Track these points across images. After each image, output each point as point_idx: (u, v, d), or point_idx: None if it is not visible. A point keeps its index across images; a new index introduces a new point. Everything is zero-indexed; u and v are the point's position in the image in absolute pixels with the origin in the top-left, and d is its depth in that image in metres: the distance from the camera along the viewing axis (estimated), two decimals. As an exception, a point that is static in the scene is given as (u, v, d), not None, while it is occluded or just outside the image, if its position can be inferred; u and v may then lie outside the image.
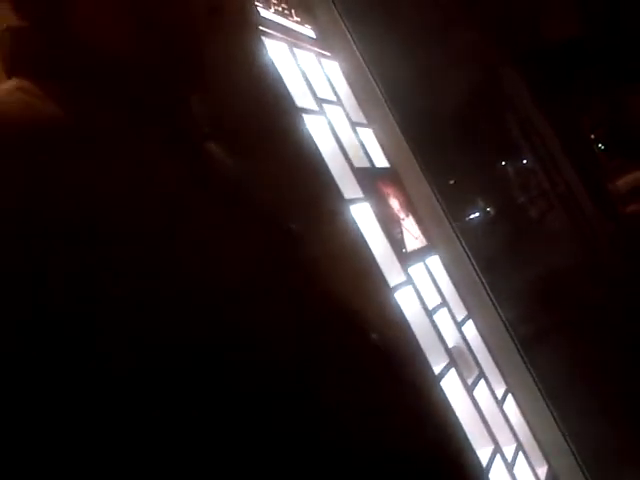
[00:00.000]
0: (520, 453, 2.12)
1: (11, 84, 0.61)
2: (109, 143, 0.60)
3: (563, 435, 2.27)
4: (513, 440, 2.13)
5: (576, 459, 2.26)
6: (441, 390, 1.80)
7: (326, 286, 0.76)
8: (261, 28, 1.93)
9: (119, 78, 0.65)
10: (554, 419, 2.28)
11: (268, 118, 1.69)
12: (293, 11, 2.26)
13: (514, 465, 2.03)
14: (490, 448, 1.94)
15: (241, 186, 0.77)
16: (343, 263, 1.76)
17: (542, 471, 2.23)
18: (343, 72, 2.42)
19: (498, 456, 1.95)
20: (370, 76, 2.40)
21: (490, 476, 1.81)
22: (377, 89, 2.38)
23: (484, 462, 1.84)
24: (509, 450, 2.07)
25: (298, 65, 2.05)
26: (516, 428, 2.18)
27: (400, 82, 2.50)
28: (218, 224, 0.64)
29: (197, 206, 0.63)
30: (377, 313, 1.76)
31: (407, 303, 1.94)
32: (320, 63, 2.26)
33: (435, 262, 2.32)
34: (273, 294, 0.64)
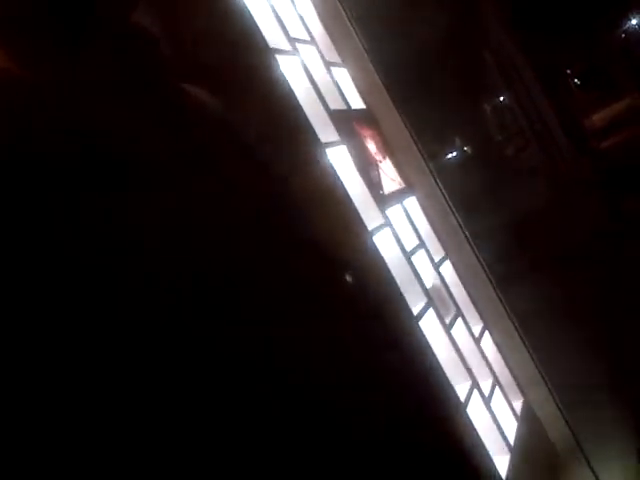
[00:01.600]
0: (497, 388, 2.18)
1: None
2: (79, 94, 0.58)
3: (537, 368, 2.34)
4: (490, 375, 2.18)
5: (549, 390, 2.34)
6: (420, 329, 1.84)
7: (305, 228, 0.76)
8: (230, -35, 1.86)
9: (84, 25, 0.62)
10: (529, 354, 2.34)
11: (240, 60, 1.64)
12: (263, -54, 2.18)
13: (491, 399, 2.09)
14: (468, 384, 1.99)
15: (218, 126, 0.76)
16: (321, 207, 1.75)
17: (518, 404, 2.30)
18: (316, 10, 2.35)
19: (475, 391, 2.00)
20: (344, 13, 2.33)
21: (468, 410, 1.86)
22: (351, 27, 2.33)
23: (462, 397, 1.89)
24: (486, 385, 2.12)
25: (269, 3, 1.99)
26: (493, 364, 2.24)
27: (375, 20, 2.44)
28: (198, 164, 0.63)
29: (174, 146, 0.62)
30: (356, 255, 1.77)
31: (385, 245, 1.95)
32: (292, 1, 2.19)
33: (413, 204, 2.32)
34: (253, 234, 0.63)
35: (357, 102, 2.31)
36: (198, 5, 1.55)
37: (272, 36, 1.90)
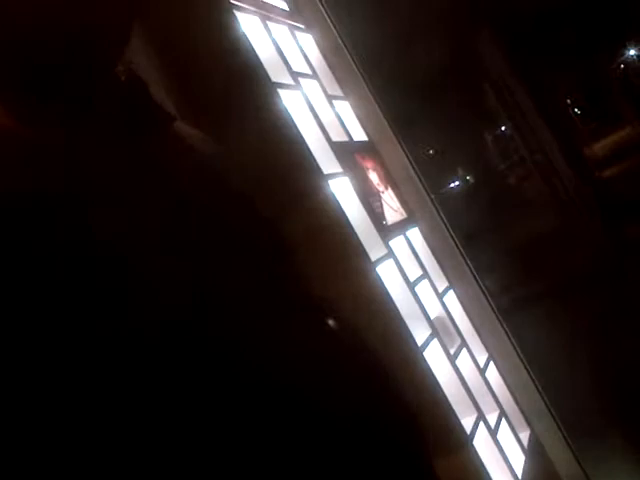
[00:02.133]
0: (503, 419, 2.16)
1: None
2: (64, 142, 0.58)
3: (543, 399, 2.31)
4: (496, 407, 2.16)
5: (555, 422, 2.31)
6: (424, 360, 1.82)
7: (307, 262, 0.76)
8: (233, 1, 1.89)
9: (70, 72, 0.62)
10: (534, 384, 2.32)
11: (243, 94, 1.67)
12: (265, -17, 2.22)
13: (497, 431, 2.07)
14: (474, 416, 1.97)
15: (216, 166, 0.76)
16: (323, 238, 1.76)
17: (524, 435, 2.27)
18: (317, 45, 2.38)
19: (481, 423, 1.98)
20: (345, 48, 2.37)
21: (474, 443, 1.84)
22: (352, 61, 2.36)
23: (468, 429, 1.87)
24: (492, 417, 2.10)
25: (272, 38, 2.02)
26: (498, 395, 2.22)
27: (375, 53, 2.48)
28: (192, 209, 0.63)
29: (166, 193, 0.62)
30: (359, 287, 1.77)
31: (389, 276, 1.95)
32: (294, 36, 2.23)
33: (415, 234, 2.32)
34: (252, 274, 0.63)
35: (359, 134, 2.33)
36: (200, 41, 1.58)
37: (274, 70, 1.93)
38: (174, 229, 0.60)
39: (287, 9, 2.33)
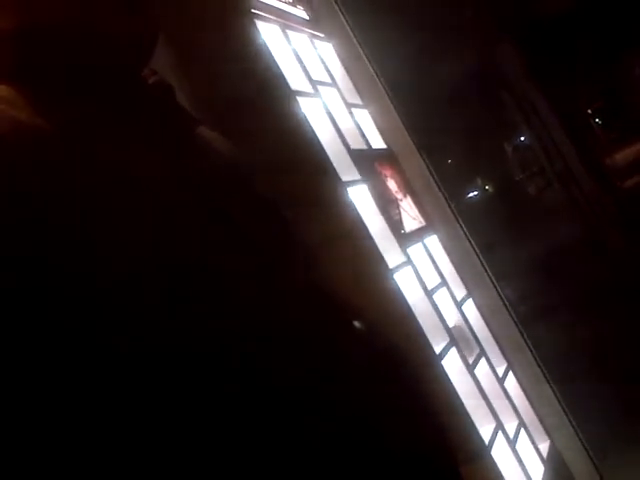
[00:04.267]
0: (522, 429, 2.14)
1: None
2: (92, 145, 0.59)
3: (563, 410, 2.28)
4: (515, 417, 2.14)
5: (577, 433, 2.28)
6: (442, 369, 1.81)
7: (325, 269, 0.76)
8: (253, 11, 1.91)
9: (100, 76, 0.64)
10: (554, 395, 2.29)
11: (262, 102, 1.68)
12: (285, -8, 2.24)
13: (516, 442, 2.04)
14: (492, 425, 1.95)
15: (236, 171, 0.76)
16: (342, 246, 1.77)
17: (544, 446, 2.25)
18: (337, 53, 2.40)
19: (500, 433, 1.96)
20: (364, 57, 2.38)
21: (493, 453, 1.82)
22: (372, 70, 2.37)
23: (486, 439, 1.86)
24: (511, 427, 2.08)
25: (291, 47, 2.04)
26: (517, 405, 2.20)
27: (395, 62, 2.48)
28: (214, 214, 0.64)
29: (190, 198, 0.62)
30: (377, 295, 1.77)
31: (407, 284, 1.94)
32: (314, 45, 2.25)
33: (434, 242, 2.31)
34: (272, 279, 0.64)
35: (378, 142, 2.33)
36: (221, 49, 1.59)
37: (294, 79, 1.94)
38: (199, 232, 0.60)
39: (307, 18, 2.34)
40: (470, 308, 2.30)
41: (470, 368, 1.99)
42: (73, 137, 0.58)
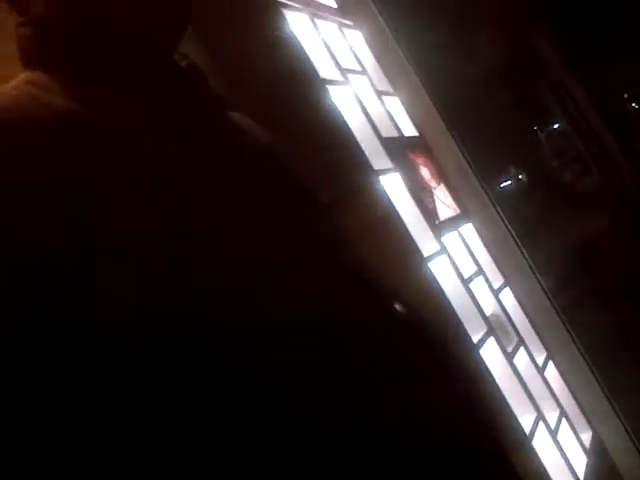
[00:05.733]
0: (563, 420, 2.09)
1: (21, 77, 0.61)
2: (126, 129, 0.58)
3: (608, 399, 2.23)
4: (556, 407, 2.10)
5: (622, 424, 2.22)
6: (481, 358, 1.78)
7: (359, 258, 0.75)
8: (282, 0, 1.90)
9: (132, 63, 0.63)
10: (598, 384, 2.24)
11: (292, 91, 1.66)
12: (313, -19, 2.22)
13: (557, 432, 2.00)
14: (533, 415, 1.91)
15: (271, 155, 0.75)
16: (375, 235, 1.74)
17: (587, 437, 2.20)
18: (366, 41, 2.37)
19: (541, 423, 1.92)
20: (394, 44, 2.34)
21: (534, 443, 1.79)
22: (402, 56, 2.33)
23: (527, 430, 1.82)
24: (552, 417, 2.04)
25: (320, 36, 2.02)
26: (558, 395, 2.15)
27: (426, 48, 2.44)
28: (249, 198, 0.63)
29: (225, 182, 0.62)
30: (412, 284, 1.74)
31: (442, 273, 1.91)
32: (343, 33, 2.22)
33: (469, 230, 2.28)
34: (305, 267, 0.62)
35: (409, 129, 2.30)
36: (249, 38, 1.58)
37: (324, 67, 1.92)
38: (233, 217, 0.59)
39: (335, 6, 2.32)
40: (508, 296, 2.26)
41: (509, 357, 1.96)
42: (107, 122, 0.58)
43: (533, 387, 1.99)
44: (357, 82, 2.09)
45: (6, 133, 0.52)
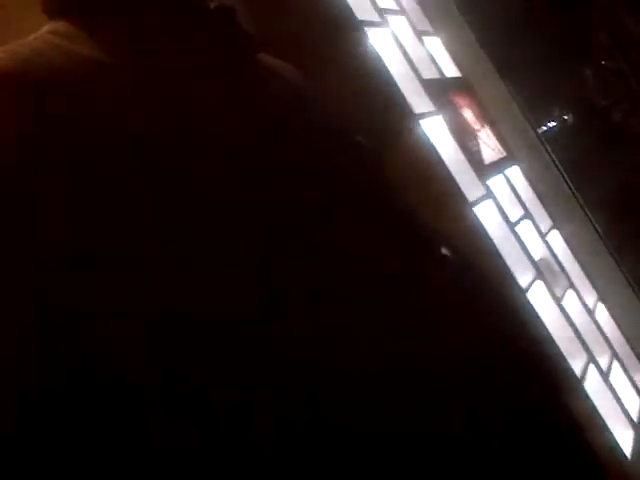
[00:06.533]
0: (615, 361, 2.06)
1: (44, 28, 0.60)
2: (156, 76, 0.57)
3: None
4: (607, 349, 2.06)
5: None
6: (528, 301, 1.76)
7: (403, 202, 0.73)
8: (314, -61, 1.83)
9: (162, 9, 0.62)
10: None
11: (328, 33, 1.62)
12: None
13: (609, 374, 1.97)
14: (584, 358, 1.89)
15: (302, 95, 0.73)
16: (418, 180, 1.71)
17: (640, 378, 2.16)
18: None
19: (592, 366, 1.89)
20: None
21: (585, 386, 1.77)
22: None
23: (578, 373, 1.80)
24: (603, 360, 2.01)
25: (356, -24, 1.95)
26: (610, 337, 2.11)
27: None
28: (283, 143, 0.61)
29: (254, 123, 0.60)
30: (457, 228, 1.71)
31: (488, 217, 1.87)
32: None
33: (515, 173, 2.22)
34: (351, 212, 0.61)
35: (451, 70, 2.23)
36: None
37: (360, 8, 1.86)
38: (263, 160, 0.58)
39: (370, -56, 2.23)
40: (556, 239, 2.20)
41: (558, 300, 1.93)
42: (136, 69, 0.57)
43: (583, 330, 1.96)
44: (396, 23, 2.03)
45: (25, 84, 0.51)
